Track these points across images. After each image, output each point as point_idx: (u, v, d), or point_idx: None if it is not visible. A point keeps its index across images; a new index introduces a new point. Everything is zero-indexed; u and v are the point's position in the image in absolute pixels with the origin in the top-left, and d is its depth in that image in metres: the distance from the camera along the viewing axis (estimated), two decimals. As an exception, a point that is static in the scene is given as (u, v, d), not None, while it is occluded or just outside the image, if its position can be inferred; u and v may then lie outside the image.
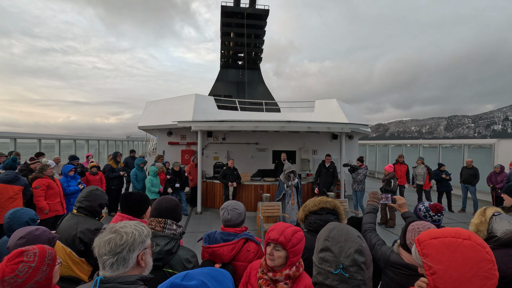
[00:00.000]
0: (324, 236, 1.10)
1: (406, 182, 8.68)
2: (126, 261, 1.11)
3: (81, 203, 2.39)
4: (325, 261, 1.03)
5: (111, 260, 1.09)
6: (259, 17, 19.57)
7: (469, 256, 0.99)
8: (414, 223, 1.68)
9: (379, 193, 2.36)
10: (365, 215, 2.17)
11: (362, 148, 19.09)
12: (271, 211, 6.07)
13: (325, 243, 1.07)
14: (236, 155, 10.21)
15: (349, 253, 1.02)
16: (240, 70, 20.76)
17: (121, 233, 1.12)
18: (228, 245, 1.88)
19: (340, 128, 8.10)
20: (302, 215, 2.14)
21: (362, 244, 1.07)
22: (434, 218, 2.10)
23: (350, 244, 1.04)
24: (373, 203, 2.26)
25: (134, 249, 1.13)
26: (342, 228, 1.12)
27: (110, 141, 18.16)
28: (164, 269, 1.60)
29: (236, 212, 1.99)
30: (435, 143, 13.37)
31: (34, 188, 4.81)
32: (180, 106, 9.97)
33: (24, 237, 1.75)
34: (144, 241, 1.18)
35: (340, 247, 1.03)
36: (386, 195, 2.42)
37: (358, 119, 10.92)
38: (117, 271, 1.10)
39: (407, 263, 1.63)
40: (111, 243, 1.09)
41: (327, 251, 1.05)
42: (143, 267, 1.19)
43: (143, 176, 7.52)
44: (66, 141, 12.82)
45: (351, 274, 0.99)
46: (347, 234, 1.09)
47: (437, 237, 1.10)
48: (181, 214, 1.86)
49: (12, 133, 9.26)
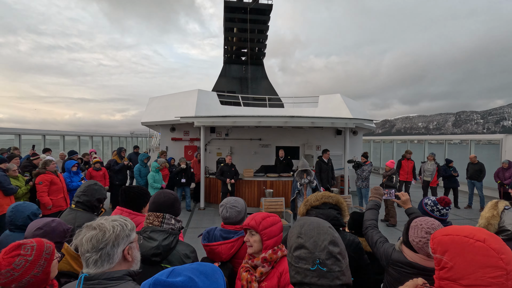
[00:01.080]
0: (296, 233, 1.06)
1: (412, 178, 8.58)
2: (111, 257, 1.07)
3: (79, 197, 2.37)
4: (301, 259, 0.99)
5: (94, 257, 1.05)
6: (262, 12, 19.39)
7: (476, 258, 0.96)
8: (417, 219, 1.61)
9: (382, 188, 2.29)
10: (367, 211, 2.10)
11: (366, 144, 18.93)
12: (274, 207, 6.04)
13: (298, 240, 1.03)
14: (239, 151, 10.18)
15: (324, 246, 0.98)
16: (244, 66, 20.65)
17: (103, 228, 1.08)
18: (227, 243, 1.82)
19: (344, 123, 8.00)
20: (304, 209, 2.08)
21: (335, 234, 1.04)
22: (442, 212, 2.03)
23: (324, 237, 1.00)
24: (375, 199, 2.19)
25: (119, 244, 1.09)
26: (312, 222, 1.08)
27: (114, 137, 18.25)
28: (162, 264, 1.56)
29: (235, 210, 1.93)
30: (441, 138, 13.19)
31: (37, 184, 4.82)
32: (183, 101, 9.94)
33: (42, 228, 1.75)
34: (129, 235, 1.14)
35: (314, 241, 1.00)
36: (389, 191, 2.36)
37: (362, 114, 10.80)
38: (102, 267, 1.06)
39: (410, 261, 1.56)
40: (93, 240, 1.05)
41: (301, 249, 1.01)
42: (130, 262, 1.15)
43: (147, 172, 7.52)
44: (71, 138, 12.90)
45: (328, 267, 0.95)
46: (319, 227, 1.05)
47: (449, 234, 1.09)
48: (180, 208, 1.82)
49: (16, 129, 9.32)
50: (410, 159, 8.67)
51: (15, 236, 2.17)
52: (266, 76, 20.91)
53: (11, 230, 2.21)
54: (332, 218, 1.89)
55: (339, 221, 1.92)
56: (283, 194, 7.72)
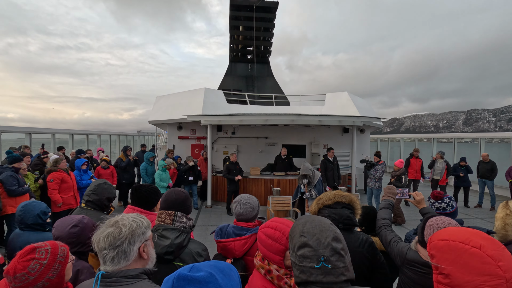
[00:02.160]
0: (299, 232, 1.05)
1: (421, 177, 8.47)
2: (127, 254, 1.08)
3: (89, 196, 2.39)
4: (305, 258, 0.99)
5: (111, 254, 1.06)
6: (268, 10, 19.30)
7: (472, 265, 0.94)
8: (432, 218, 1.58)
9: (395, 188, 2.25)
10: (380, 211, 2.07)
11: (373, 142, 18.76)
12: (282, 205, 6.02)
13: (301, 239, 1.03)
14: (246, 149, 10.18)
15: (327, 243, 0.98)
16: (249, 64, 20.61)
17: (119, 226, 1.09)
18: (240, 240, 1.82)
19: (352, 121, 7.93)
20: (316, 208, 2.06)
21: (336, 230, 1.04)
22: (436, 206, 2.03)
23: (326, 234, 1.01)
24: (388, 198, 2.15)
25: (135, 241, 1.10)
26: (313, 220, 1.09)
27: (121, 136, 18.43)
28: (175, 262, 1.56)
29: (249, 207, 1.93)
30: (450, 137, 12.98)
31: (49, 181, 4.90)
32: (189, 100, 9.97)
33: (77, 225, 1.79)
34: (145, 232, 1.15)
35: (317, 239, 1.00)
36: (402, 190, 2.31)
37: (369, 112, 10.69)
38: (119, 264, 1.07)
39: (426, 261, 1.53)
40: (110, 237, 1.06)
41: (305, 247, 1.00)
42: (146, 260, 1.16)
43: (153, 170, 7.57)
44: (79, 136, 13.07)
45: (333, 264, 0.95)
46: (320, 224, 1.05)
47: (445, 238, 1.07)
48: (191, 206, 1.82)
49: (27, 128, 9.47)
50: (418, 157, 8.59)
51: (26, 235, 2.20)
52: (272, 74, 20.85)
53: (21, 229, 2.23)
54: (345, 217, 1.87)
55: (352, 220, 1.90)
56: (290, 192, 7.69)
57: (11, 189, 4.47)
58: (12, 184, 4.49)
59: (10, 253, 2.13)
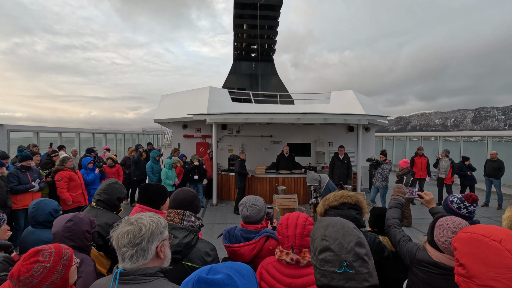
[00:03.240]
0: (320, 235, 1.04)
1: (426, 175, 8.41)
2: (146, 253, 1.10)
3: (100, 195, 2.39)
4: (326, 262, 0.98)
5: (130, 251, 1.08)
6: (272, 8, 19.18)
7: (490, 258, 0.96)
8: (442, 218, 1.57)
9: (405, 187, 2.23)
10: (389, 210, 2.06)
11: (378, 141, 18.64)
12: (287, 204, 6.03)
13: (323, 243, 1.01)
14: (251, 147, 10.19)
15: (350, 248, 0.97)
16: (253, 63, 20.54)
17: (139, 224, 1.11)
18: (249, 245, 1.83)
19: (357, 119, 7.89)
20: (322, 209, 2.06)
21: (360, 235, 1.02)
22: (469, 209, 1.97)
23: (349, 238, 0.99)
24: (397, 197, 2.13)
25: (153, 240, 1.12)
26: (336, 223, 1.06)
27: (126, 134, 18.56)
28: (183, 262, 1.58)
29: (256, 209, 1.93)
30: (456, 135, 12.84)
31: (57, 181, 4.96)
32: (194, 99, 10.00)
33: (72, 219, 1.80)
34: (162, 232, 1.17)
35: (339, 243, 0.98)
36: (412, 189, 2.28)
37: (375, 110, 10.62)
38: (137, 262, 1.09)
39: (436, 261, 1.52)
40: (130, 234, 1.08)
41: (327, 251, 0.99)
42: (163, 259, 1.18)
43: (159, 169, 7.63)
44: (86, 135, 13.19)
45: (356, 269, 0.94)
46: (343, 228, 1.03)
47: (468, 231, 1.09)
48: (199, 206, 1.84)
49: (34, 127, 9.59)
50: (423, 156, 8.52)
51: (38, 233, 2.24)
52: (276, 72, 20.77)
53: (33, 227, 2.27)
54: (351, 219, 1.85)
55: (359, 222, 1.88)
56: (295, 191, 7.70)
57: (10, 186, 4.52)
58: (11, 182, 4.53)
59: (23, 250, 2.17)
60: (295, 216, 1.66)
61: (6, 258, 1.72)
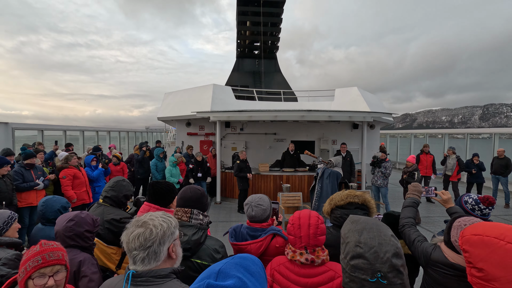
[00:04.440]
0: (355, 241, 0.98)
1: (432, 173, 8.35)
2: (157, 255, 1.07)
3: (107, 192, 2.41)
4: (358, 269, 0.94)
5: (142, 254, 1.05)
6: (275, 5, 19.08)
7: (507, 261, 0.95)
8: (460, 218, 1.52)
9: (421, 186, 2.16)
10: (404, 209, 2.00)
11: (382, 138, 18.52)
12: (292, 201, 6.00)
13: (356, 250, 0.96)
14: (254, 145, 10.16)
15: (386, 258, 0.91)
16: (257, 60, 20.47)
17: (150, 226, 1.08)
18: (256, 242, 1.83)
19: (362, 117, 7.82)
20: (328, 208, 2.02)
21: (398, 245, 0.97)
22: (484, 212, 1.92)
23: (386, 248, 0.93)
24: (413, 196, 2.06)
25: (165, 241, 1.09)
26: (372, 228, 1.00)
27: (130, 132, 18.62)
28: (192, 259, 1.56)
29: (261, 208, 1.92)
30: (462, 132, 12.71)
31: (61, 178, 4.97)
32: (198, 96, 9.97)
33: (73, 219, 1.80)
34: (173, 232, 1.14)
35: (374, 252, 0.93)
36: (428, 188, 2.21)
37: (380, 107, 10.53)
38: (149, 265, 1.06)
39: (452, 262, 1.47)
40: (141, 238, 1.05)
41: (359, 258, 0.94)
42: (174, 259, 1.16)
43: (163, 166, 7.64)
44: (90, 133, 13.24)
45: (390, 280, 0.89)
46: (380, 235, 0.97)
47: (478, 233, 1.06)
48: (207, 203, 1.81)
49: (39, 125, 9.63)
50: (429, 153, 8.46)
51: (47, 230, 2.24)
52: (279, 70, 20.69)
53: (43, 224, 2.28)
54: None
55: None
56: (300, 189, 7.67)
57: (15, 184, 4.53)
58: (15, 179, 4.55)
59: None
60: (307, 216, 1.63)
61: (18, 256, 1.72)
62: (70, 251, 1.76)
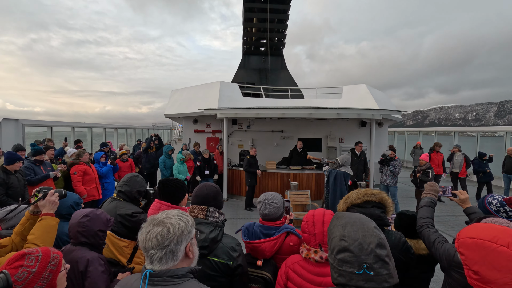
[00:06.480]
0: (339, 235, 1.00)
1: (443, 171, 8.27)
2: (175, 254, 1.05)
3: (121, 187, 2.45)
4: (345, 262, 0.95)
5: (159, 254, 1.03)
6: (282, 1, 18.95)
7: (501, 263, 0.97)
8: (486, 219, 1.48)
9: (437, 185, 2.11)
10: (422, 209, 1.95)
11: (390, 136, 18.32)
12: (300, 199, 5.97)
13: (341, 243, 0.98)
14: (261, 143, 10.13)
15: (370, 249, 0.93)
16: (263, 57, 20.39)
17: (167, 225, 1.05)
18: (270, 241, 1.81)
19: (371, 114, 7.73)
20: (344, 207, 1.98)
21: (381, 235, 0.98)
22: (510, 214, 1.86)
23: (370, 239, 0.95)
24: (430, 195, 2.02)
25: (182, 240, 1.07)
26: (355, 222, 1.02)
27: (137, 129, 18.75)
28: (209, 257, 1.55)
29: (274, 206, 1.90)
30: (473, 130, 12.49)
31: (72, 174, 5.02)
32: (205, 93, 9.97)
33: (88, 215, 1.81)
34: (190, 231, 1.12)
35: (359, 244, 0.94)
36: (445, 187, 2.15)
37: (388, 105, 10.40)
38: (166, 265, 1.04)
39: None
40: (158, 236, 1.02)
41: (345, 252, 0.96)
42: (191, 259, 1.14)
43: (171, 163, 7.66)
44: (97, 130, 13.37)
45: (376, 271, 0.91)
46: (363, 228, 0.99)
47: (472, 236, 1.09)
48: (222, 201, 1.80)
49: (48, 121, 9.75)
50: (440, 152, 8.37)
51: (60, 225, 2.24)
52: (286, 67, 20.58)
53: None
54: (375, 217, 1.78)
55: (383, 220, 1.81)
56: (307, 186, 7.63)
57: (26, 179, 4.55)
58: (27, 175, 4.57)
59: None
60: (321, 213, 1.63)
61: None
62: (79, 249, 1.77)
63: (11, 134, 7.94)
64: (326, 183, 5.89)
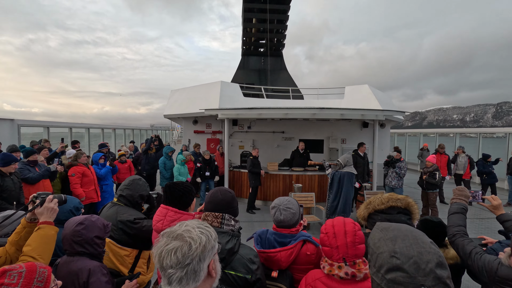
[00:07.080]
0: (388, 251, 0.85)
1: (447, 173, 8.18)
2: (197, 274, 0.89)
3: (122, 191, 2.29)
4: (397, 283, 0.80)
5: (179, 274, 0.86)
6: (282, 1, 18.89)
7: None
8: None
9: (467, 189, 1.97)
10: (453, 216, 1.81)
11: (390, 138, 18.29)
12: (304, 202, 5.83)
13: (392, 261, 0.83)
14: (262, 144, 9.99)
15: (429, 269, 0.78)
16: (262, 58, 20.31)
17: (187, 239, 0.89)
18: (286, 250, 1.65)
19: (375, 115, 7.61)
20: (366, 213, 1.82)
21: (440, 253, 0.82)
22: None
23: (427, 257, 0.80)
24: (460, 201, 1.88)
25: (205, 257, 0.91)
26: (407, 235, 0.86)
27: (135, 130, 18.54)
28: (226, 270, 1.40)
29: (290, 212, 1.75)
30: (474, 131, 12.45)
31: (70, 176, 4.85)
32: (205, 94, 9.82)
33: (83, 223, 1.67)
34: (214, 246, 0.96)
35: (414, 263, 0.79)
36: (475, 192, 2.01)
37: (390, 106, 10.31)
38: (187, 286, 0.88)
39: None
40: (178, 253, 0.86)
41: (397, 271, 0.81)
42: (214, 278, 0.97)
43: (171, 165, 7.50)
44: (95, 130, 13.16)
45: None
46: (417, 243, 0.84)
47: None
48: (237, 208, 1.65)
49: (45, 122, 9.54)
50: (444, 154, 8.29)
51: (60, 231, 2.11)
52: (285, 67, 20.51)
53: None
54: None
55: None
56: (310, 188, 7.50)
57: (24, 177, 4.36)
58: (24, 174, 4.38)
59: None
60: (341, 223, 1.47)
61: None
62: (78, 260, 1.63)
63: (6, 134, 7.73)
64: (330, 186, 5.75)
